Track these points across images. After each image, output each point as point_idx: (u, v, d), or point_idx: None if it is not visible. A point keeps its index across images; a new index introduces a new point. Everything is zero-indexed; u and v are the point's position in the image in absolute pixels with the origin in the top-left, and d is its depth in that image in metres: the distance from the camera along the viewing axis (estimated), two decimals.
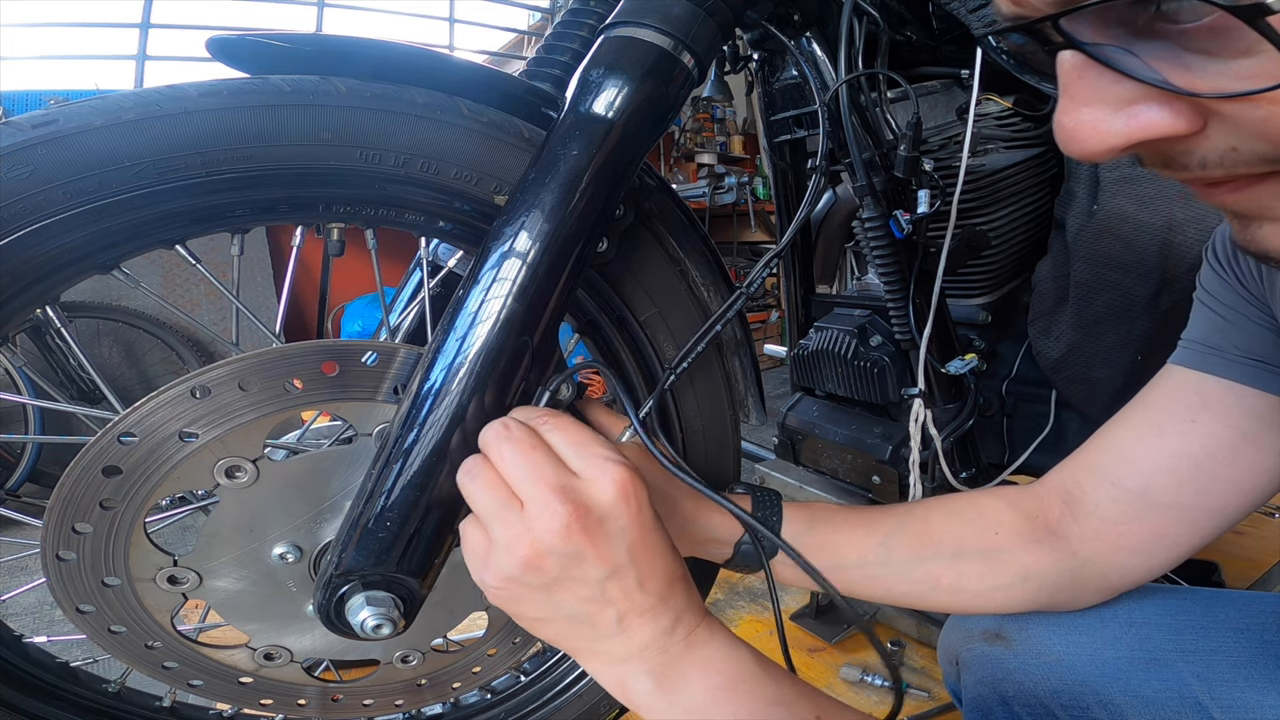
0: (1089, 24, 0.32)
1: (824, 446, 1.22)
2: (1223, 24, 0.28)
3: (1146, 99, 0.32)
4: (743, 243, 4.66)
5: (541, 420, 0.53)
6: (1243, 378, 0.60)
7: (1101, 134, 0.33)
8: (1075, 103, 0.33)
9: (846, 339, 1.13)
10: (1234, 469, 0.61)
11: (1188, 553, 0.64)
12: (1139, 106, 0.32)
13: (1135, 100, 0.32)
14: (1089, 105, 0.33)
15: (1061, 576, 0.66)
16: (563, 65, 0.74)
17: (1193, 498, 0.61)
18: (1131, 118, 0.32)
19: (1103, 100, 0.33)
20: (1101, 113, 0.33)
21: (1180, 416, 0.62)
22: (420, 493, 0.55)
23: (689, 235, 0.73)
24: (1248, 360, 0.60)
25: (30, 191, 0.49)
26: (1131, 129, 0.32)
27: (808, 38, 0.91)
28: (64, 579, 0.56)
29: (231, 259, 0.62)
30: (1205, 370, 0.62)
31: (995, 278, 1.16)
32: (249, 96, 0.55)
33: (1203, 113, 0.32)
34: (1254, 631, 0.64)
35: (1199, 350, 0.63)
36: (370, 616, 0.55)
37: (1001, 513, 0.68)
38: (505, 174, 0.61)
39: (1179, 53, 0.30)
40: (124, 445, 0.54)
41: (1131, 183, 0.97)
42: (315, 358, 0.58)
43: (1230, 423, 0.60)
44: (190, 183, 0.54)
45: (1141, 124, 0.32)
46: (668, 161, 4.75)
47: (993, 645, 0.71)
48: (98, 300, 2.78)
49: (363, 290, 3.54)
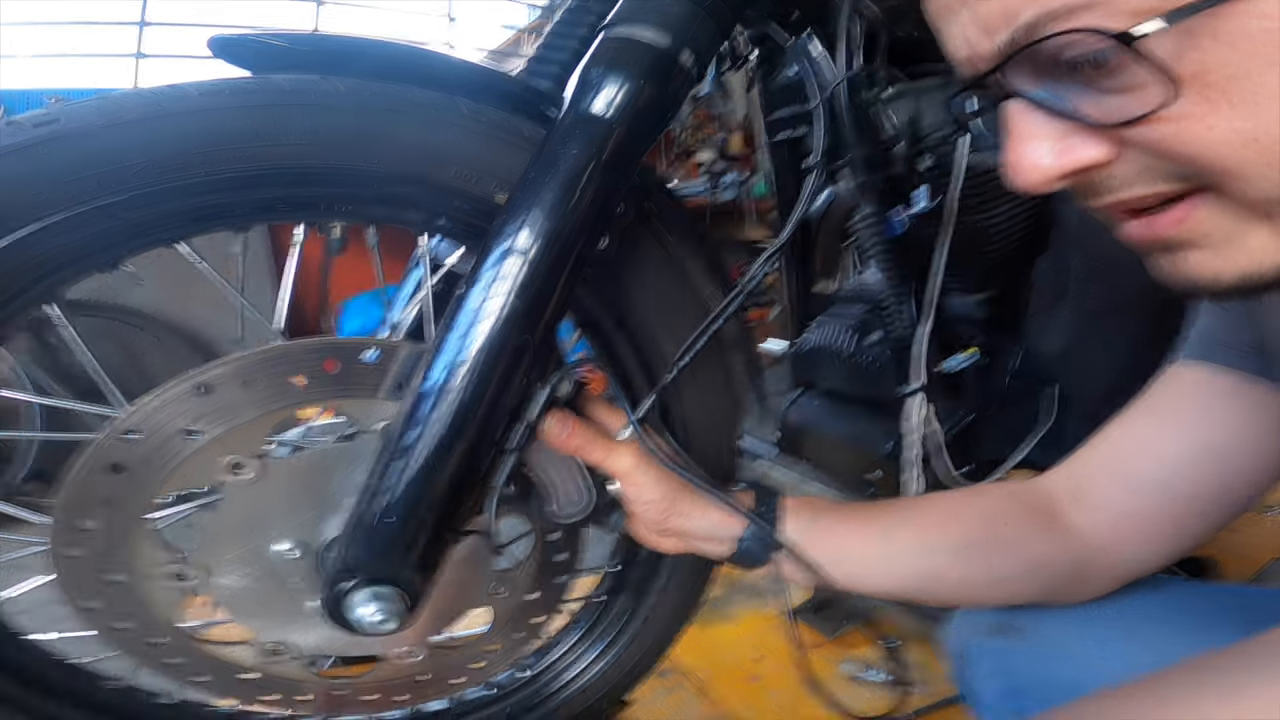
0: (1026, 76, 0.38)
1: (824, 442, 1.22)
2: (1119, 63, 0.34)
3: (1073, 134, 0.38)
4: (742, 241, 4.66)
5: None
6: (1255, 369, 0.61)
7: (1041, 169, 0.39)
8: (1016, 141, 0.39)
9: (846, 335, 1.13)
10: (1250, 459, 0.61)
11: (1198, 543, 0.65)
12: (1069, 141, 0.38)
13: (1065, 136, 0.38)
14: (1026, 142, 0.39)
15: (1071, 568, 0.66)
16: (562, 64, 0.74)
17: (1212, 488, 0.62)
18: (1062, 153, 0.38)
19: (1038, 137, 0.38)
20: (1038, 149, 0.38)
21: (1198, 407, 0.63)
22: (424, 489, 0.55)
23: (689, 233, 0.73)
24: (1257, 352, 0.61)
25: (33, 191, 0.49)
26: (1063, 162, 0.38)
27: (807, 35, 0.91)
28: (70, 575, 0.57)
29: (229, 257, 0.62)
30: (1210, 361, 0.63)
31: (994, 274, 1.16)
32: (250, 96, 0.55)
33: (1118, 141, 0.37)
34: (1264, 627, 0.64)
35: (1207, 344, 0.64)
36: (374, 612, 0.55)
37: (1006, 505, 0.69)
38: (505, 172, 0.61)
39: (1095, 94, 0.36)
40: (128, 442, 0.55)
41: None
42: (317, 355, 0.59)
43: (1247, 413, 0.61)
44: (191, 182, 0.54)
45: (1072, 157, 0.38)
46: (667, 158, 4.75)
47: (1005, 638, 0.72)
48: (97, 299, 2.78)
49: (362, 288, 3.53)
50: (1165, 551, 0.65)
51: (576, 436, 0.63)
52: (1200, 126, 0.34)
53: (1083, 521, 0.66)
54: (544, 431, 0.61)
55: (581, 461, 0.65)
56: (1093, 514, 0.65)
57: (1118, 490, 0.64)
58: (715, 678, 1.27)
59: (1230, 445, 0.61)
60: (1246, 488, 0.62)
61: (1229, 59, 0.33)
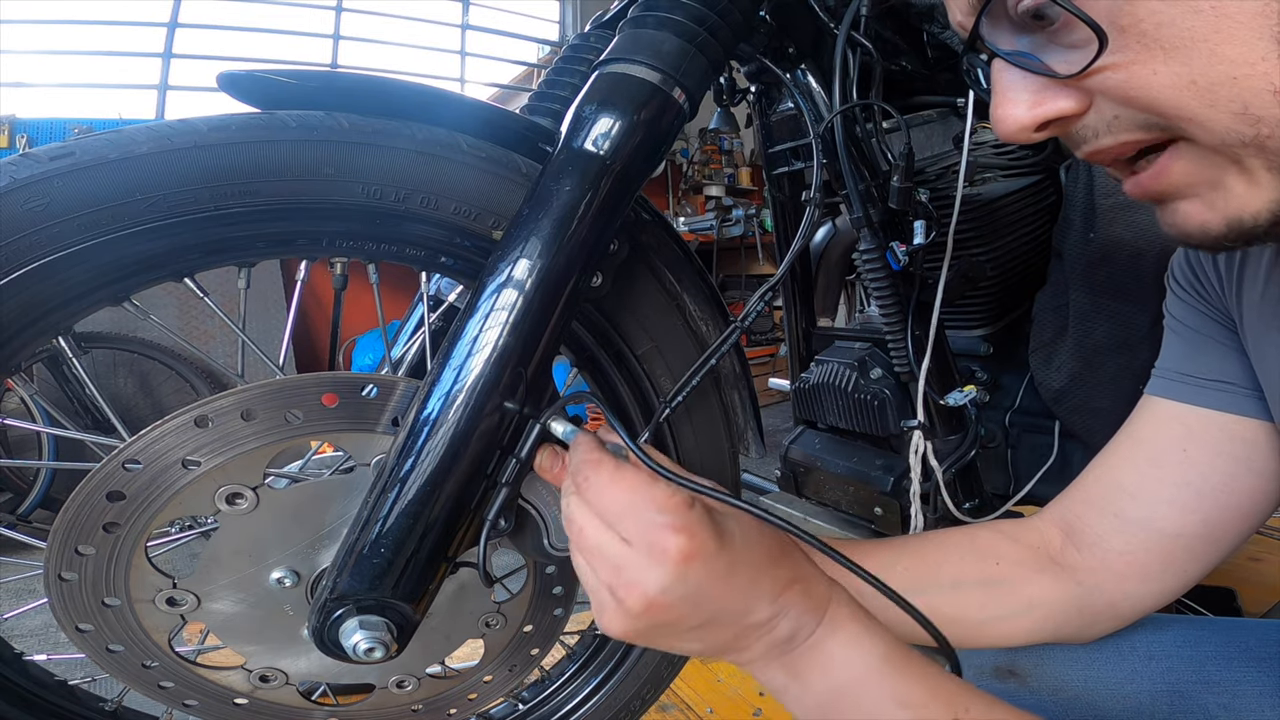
0: (1003, 35, 0.43)
1: (826, 478, 1.22)
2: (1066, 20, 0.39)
3: (1047, 88, 0.42)
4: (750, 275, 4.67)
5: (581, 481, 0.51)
6: (1219, 404, 0.61)
7: (1017, 119, 0.43)
8: (997, 95, 0.44)
9: (847, 372, 1.13)
10: (1234, 494, 0.61)
11: (1197, 578, 0.64)
12: (1044, 94, 0.42)
13: (1040, 90, 0.43)
14: (1005, 95, 0.44)
15: (1069, 605, 0.65)
16: (561, 100, 0.76)
17: (1198, 525, 0.62)
18: (1034, 105, 0.43)
19: (1015, 89, 0.43)
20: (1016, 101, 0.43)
21: (1171, 447, 0.63)
22: (414, 520, 0.56)
23: (685, 269, 0.74)
24: (1221, 385, 0.61)
25: (46, 223, 0.50)
26: (1036, 112, 0.43)
27: (802, 70, 0.92)
28: (65, 598, 0.57)
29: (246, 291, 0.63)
30: (1181, 400, 0.63)
31: (995, 308, 1.17)
32: (256, 131, 0.56)
33: (1088, 94, 0.42)
34: (1276, 661, 0.63)
35: (1173, 379, 0.64)
36: (363, 640, 0.56)
37: (1000, 544, 0.68)
38: (503, 209, 0.62)
39: (1062, 50, 0.41)
40: (129, 471, 0.56)
41: (1127, 210, 0.98)
42: (316, 389, 0.59)
43: (1221, 449, 0.61)
44: (199, 216, 0.55)
45: (1044, 109, 0.43)
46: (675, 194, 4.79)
47: (1005, 682, 0.71)
48: (114, 331, 2.83)
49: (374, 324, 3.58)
50: (1163, 589, 0.64)
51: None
52: (1144, 71, 0.38)
53: (1078, 559, 0.65)
54: (536, 466, 0.62)
55: None
56: (1086, 552, 0.65)
57: (1107, 529, 0.64)
58: (717, 712, 1.26)
59: (1213, 482, 0.61)
60: (1241, 520, 0.61)
61: (1156, 7, 0.36)
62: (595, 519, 0.48)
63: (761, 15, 0.79)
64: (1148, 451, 0.64)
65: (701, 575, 0.46)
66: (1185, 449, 0.62)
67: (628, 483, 0.48)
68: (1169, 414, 0.63)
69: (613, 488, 0.48)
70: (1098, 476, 0.67)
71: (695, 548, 0.46)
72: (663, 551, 0.45)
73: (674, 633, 0.48)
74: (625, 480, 0.48)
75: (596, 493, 0.49)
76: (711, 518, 0.48)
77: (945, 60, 1.01)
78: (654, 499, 0.47)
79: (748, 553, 0.49)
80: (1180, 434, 0.62)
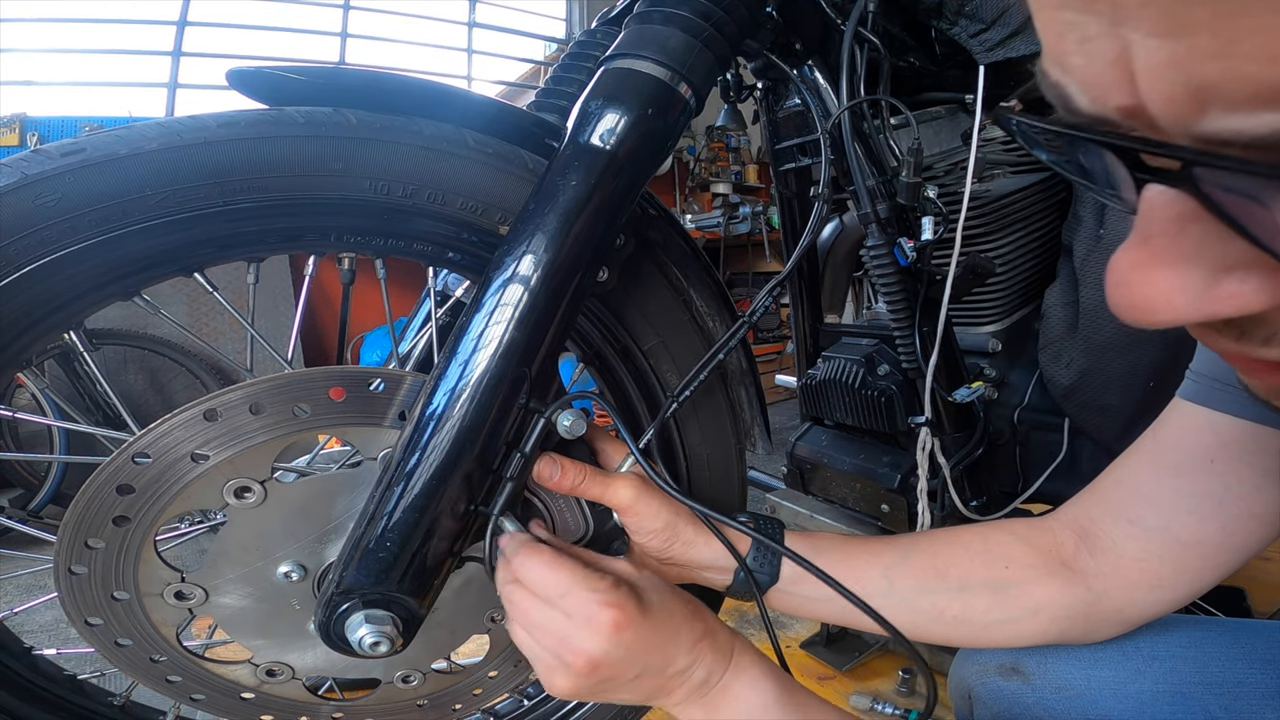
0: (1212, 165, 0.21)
1: (833, 475, 1.21)
2: None
3: (1248, 267, 0.23)
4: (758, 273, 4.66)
5: (519, 569, 0.58)
6: (1255, 416, 0.58)
7: (1176, 308, 0.24)
8: (1153, 257, 0.24)
9: (854, 368, 1.13)
10: (1257, 504, 0.59)
11: (1209, 586, 0.62)
12: (1235, 275, 0.23)
13: (1233, 268, 0.23)
14: (1172, 266, 0.24)
15: (1075, 610, 0.65)
16: (568, 96, 0.76)
17: (1216, 535, 0.60)
18: (1219, 296, 0.23)
19: (1194, 262, 0.23)
20: (1186, 278, 0.23)
21: (1198, 456, 0.61)
22: (420, 515, 0.56)
23: (692, 264, 0.74)
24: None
25: (58, 218, 0.51)
26: (1218, 306, 0.23)
27: (810, 66, 0.92)
28: (75, 592, 0.58)
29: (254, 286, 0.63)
30: (1216, 407, 0.60)
31: (1004, 305, 1.16)
32: (265, 128, 0.56)
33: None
34: None
35: (1206, 384, 0.61)
36: (368, 634, 0.56)
37: (1011, 546, 0.67)
38: (510, 204, 0.62)
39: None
40: (138, 465, 0.56)
41: None
42: (324, 384, 0.60)
43: (1250, 461, 0.59)
44: (208, 211, 0.55)
45: (1233, 303, 0.23)
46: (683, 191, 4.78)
47: (1009, 680, 0.70)
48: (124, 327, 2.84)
49: (382, 322, 3.58)
50: (1175, 597, 0.63)
51: (568, 477, 0.63)
52: None
53: (1090, 564, 0.64)
54: (536, 474, 0.62)
55: None
56: (1100, 557, 0.64)
57: (1122, 534, 0.63)
58: None
59: (1237, 493, 0.59)
60: (1261, 529, 0.59)
61: None
62: (537, 600, 0.57)
63: (768, 11, 0.79)
64: (1172, 459, 0.62)
65: (631, 639, 0.56)
66: (1212, 459, 0.60)
67: (566, 569, 0.57)
68: (1200, 421, 0.61)
69: (552, 573, 0.57)
70: (1117, 479, 0.65)
71: (625, 618, 0.56)
72: (601, 623, 0.55)
73: (613, 686, 0.58)
74: (563, 567, 0.57)
75: (538, 577, 0.57)
76: (635, 592, 0.59)
77: (953, 56, 1.01)
78: (587, 581, 0.57)
79: (666, 617, 0.59)
80: (1210, 443, 0.60)
